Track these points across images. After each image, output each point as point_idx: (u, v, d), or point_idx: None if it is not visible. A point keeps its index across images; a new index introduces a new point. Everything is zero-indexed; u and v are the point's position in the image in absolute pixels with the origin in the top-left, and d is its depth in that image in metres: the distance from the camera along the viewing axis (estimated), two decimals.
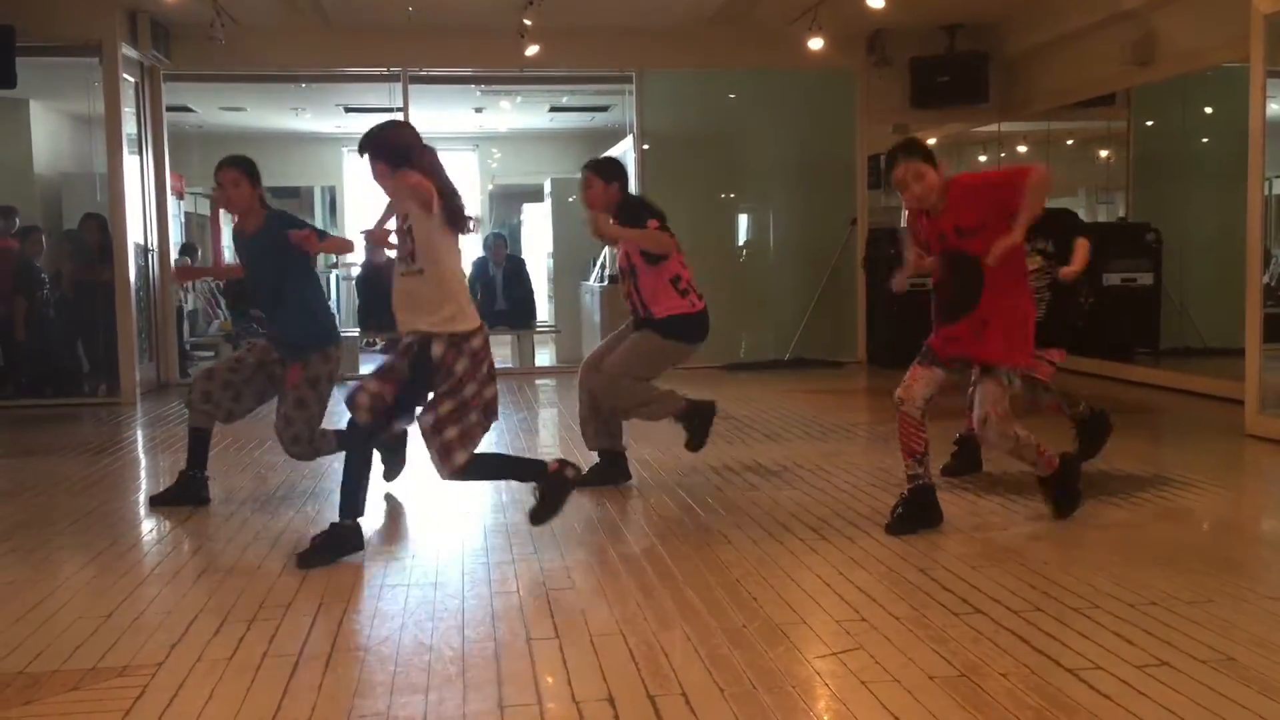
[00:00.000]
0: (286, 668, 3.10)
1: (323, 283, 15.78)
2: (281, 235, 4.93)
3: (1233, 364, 6.85)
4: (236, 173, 5.14)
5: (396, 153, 4.11)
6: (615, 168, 5.45)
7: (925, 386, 4.43)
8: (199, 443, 5.27)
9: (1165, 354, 9.45)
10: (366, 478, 4.27)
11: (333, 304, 15.95)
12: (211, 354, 11.44)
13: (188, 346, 11.07)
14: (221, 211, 5.39)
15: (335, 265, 16.42)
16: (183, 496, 5.23)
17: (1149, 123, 10.19)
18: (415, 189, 4.01)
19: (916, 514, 4.44)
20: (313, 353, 5.08)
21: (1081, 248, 5.34)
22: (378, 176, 4.15)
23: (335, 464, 6.17)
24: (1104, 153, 10.95)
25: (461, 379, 4.04)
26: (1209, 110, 9.60)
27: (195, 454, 5.28)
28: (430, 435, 4.04)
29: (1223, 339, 7.23)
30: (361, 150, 4.19)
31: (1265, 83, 6.34)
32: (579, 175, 5.50)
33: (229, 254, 5.85)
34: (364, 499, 4.27)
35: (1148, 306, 9.61)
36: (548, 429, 7.91)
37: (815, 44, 9.30)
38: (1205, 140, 9.84)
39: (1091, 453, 5.50)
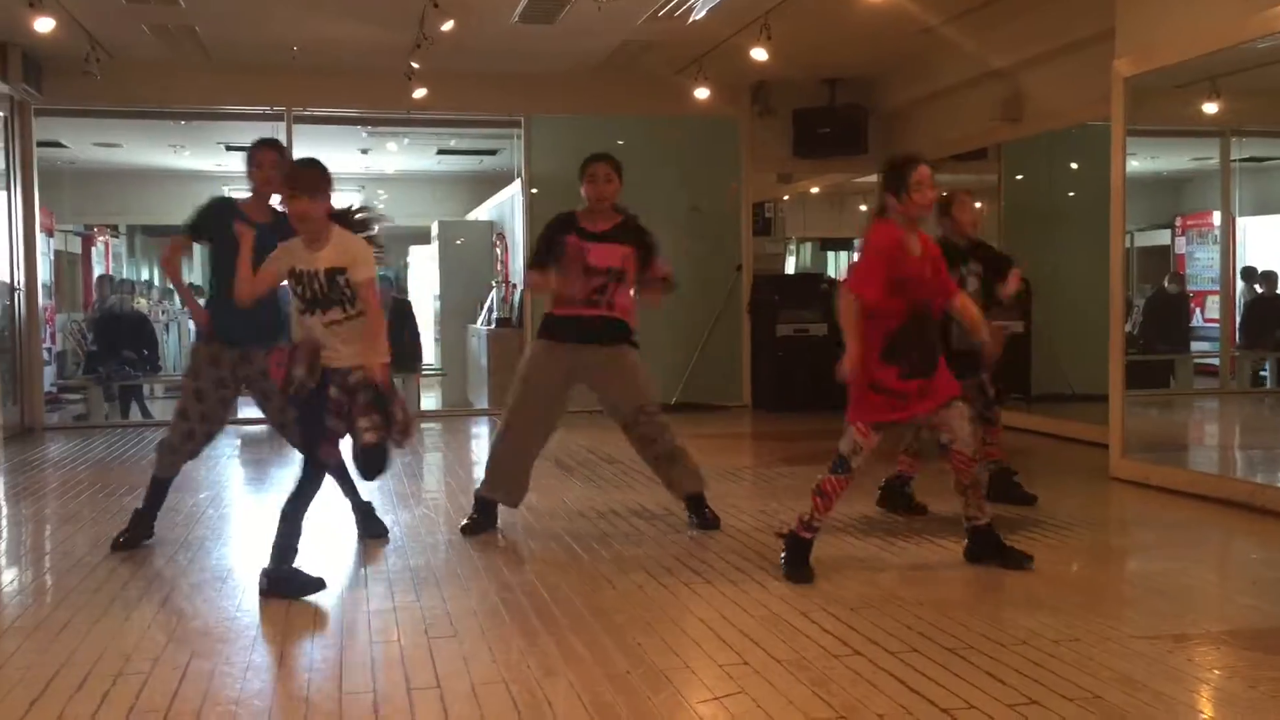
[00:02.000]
0: None
1: None
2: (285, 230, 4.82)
3: (1099, 409, 7.12)
4: (276, 154, 5.19)
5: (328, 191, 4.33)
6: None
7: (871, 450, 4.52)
8: (160, 491, 5.18)
9: (1037, 399, 9.77)
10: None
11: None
12: (80, 396, 11.06)
13: (54, 389, 10.67)
14: (93, 249, 5.25)
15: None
16: (140, 535, 5.13)
17: (1018, 176, 10.59)
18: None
19: (804, 560, 4.49)
20: (282, 338, 5.02)
21: (1015, 275, 5.82)
22: (309, 209, 4.22)
23: (209, 510, 6.01)
24: (977, 204, 11.32)
25: None
26: (1074, 166, 10.02)
27: (155, 499, 5.18)
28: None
29: (1089, 385, 7.52)
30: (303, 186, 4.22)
31: (1125, 141, 6.65)
32: (588, 165, 5.43)
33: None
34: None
35: (1020, 353, 9.95)
36: (432, 473, 7.80)
37: (701, 93, 9.47)
38: (1071, 194, 10.27)
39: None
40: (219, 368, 5.03)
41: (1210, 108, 8.18)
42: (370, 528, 5.32)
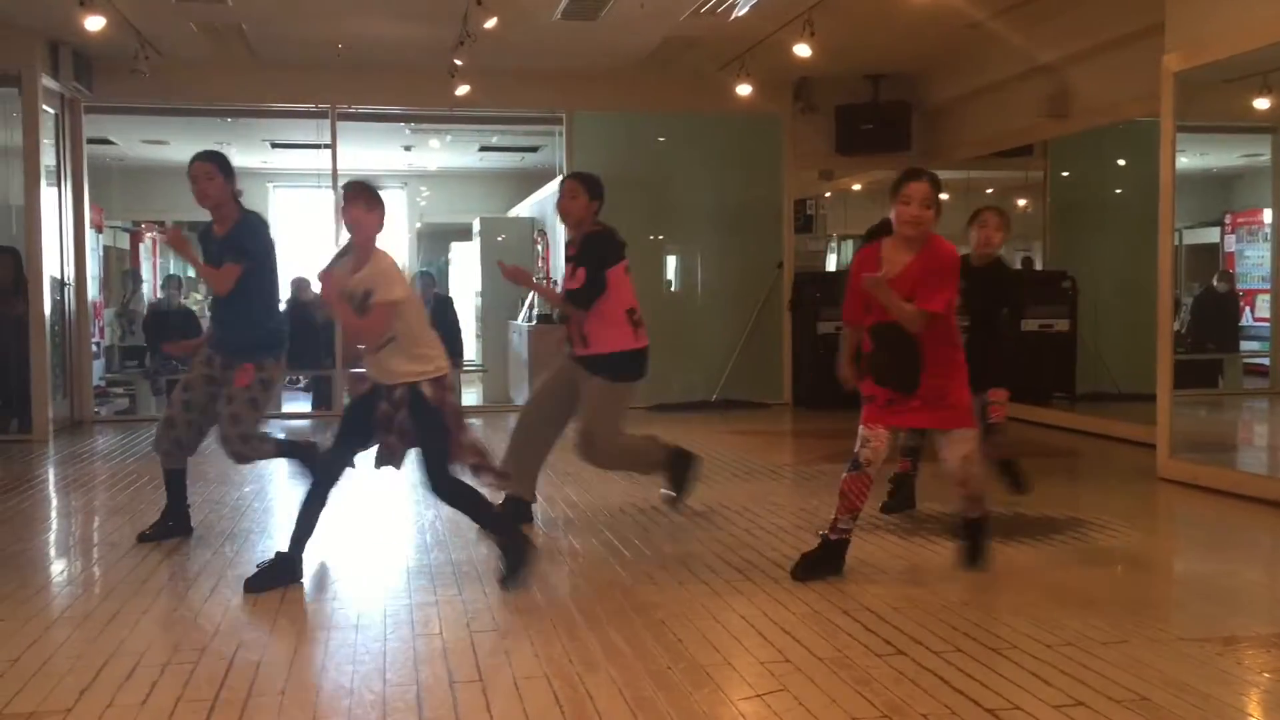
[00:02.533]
0: (201, 713, 3.03)
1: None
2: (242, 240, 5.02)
3: (1145, 408, 7.03)
4: (210, 166, 5.11)
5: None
6: (599, 186, 5.43)
7: (886, 449, 4.39)
8: (177, 481, 5.27)
9: (1081, 398, 9.67)
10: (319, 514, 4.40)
11: None
12: (130, 390, 11.21)
13: (103, 383, 10.83)
14: (141, 246, 5.37)
15: None
16: (170, 531, 5.22)
17: (1065, 173, 10.48)
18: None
19: (826, 564, 4.42)
20: (266, 356, 5.09)
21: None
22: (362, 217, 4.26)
23: (255, 503, 6.08)
24: (1022, 202, 11.22)
25: None
26: (1122, 162, 9.91)
27: (177, 491, 5.28)
28: None
29: (1135, 384, 7.43)
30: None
31: (1175, 137, 6.56)
32: (559, 187, 5.50)
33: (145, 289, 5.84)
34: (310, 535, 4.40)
35: (1064, 352, 9.84)
36: None
37: (744, 90, 9.44)
38: (1118, 191, 10.15)
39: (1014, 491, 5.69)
40: (210, 366, 5.12)
41: (1261, 103, 8.05)
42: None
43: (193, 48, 9.34)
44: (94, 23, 7.56)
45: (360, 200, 4.23)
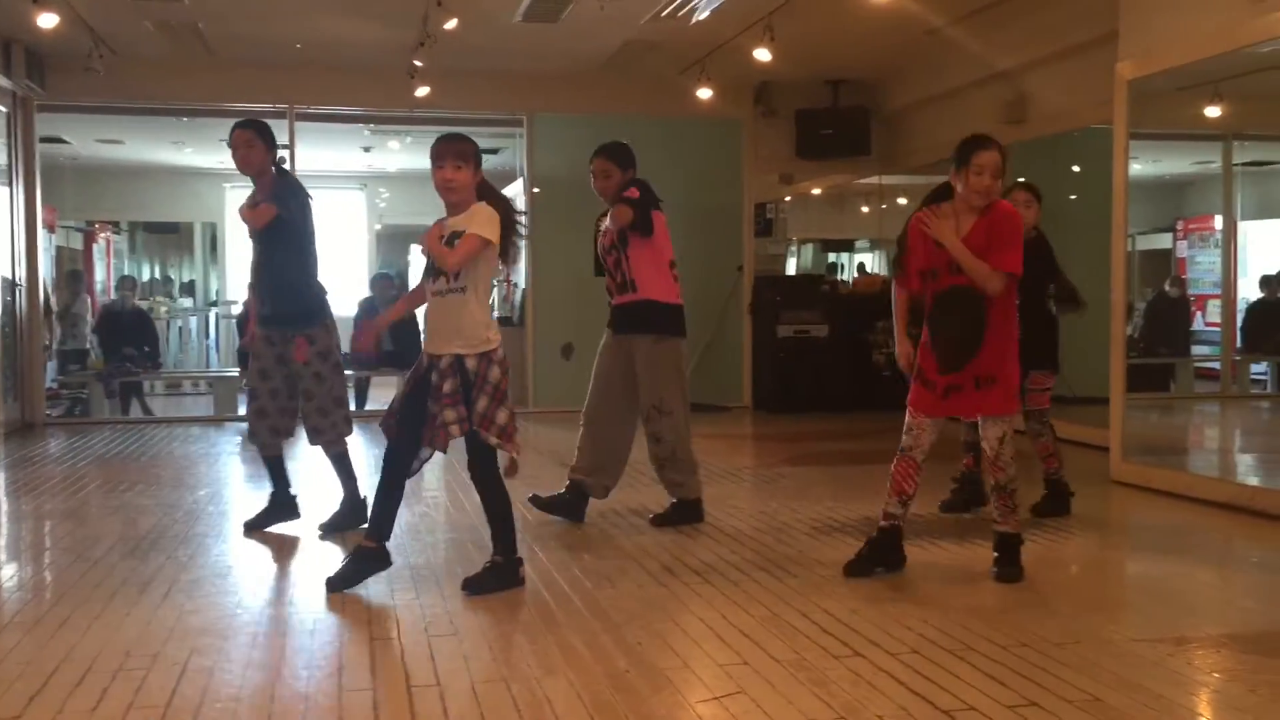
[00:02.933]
0: None
1: (201, 321, 15.43)
2: (281, 203, 5.07)
3: (1099, 412, 7.11)
4: (249, 133, 5.17)
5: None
6: (629, 154, 5.55)
7: (931, 435, 4.42)
8: (278, 467, 5.38)
9: None
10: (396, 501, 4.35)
11: (210, 343, 15.57)
12: (84, 392, 11.05)
13: (55, 385, 10.67)
14: (95, 246, 5.37)
15: (215, 304, 16.05)
16: (274, 517, 5.35)
17: (1021, 179, 10.58)
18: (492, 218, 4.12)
19: (880, 556, 4.46)
20: (313, 325, 5.15)
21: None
22: (454, 174, 4.21)
23: (210, 506, 6.01)
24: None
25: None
26: (1076, 169, 10.02)
27: (279, 477, 5.37)
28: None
29: (1089, 388, 7.51)
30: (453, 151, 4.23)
31: (1128, 144, 6.65)
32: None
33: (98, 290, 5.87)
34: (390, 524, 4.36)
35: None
36: (432, 472, 7.79)
37: (704, 94, 9.47)
38: (1073, 197, 10.27)
39: (1047, 512, 5.59)
40: (273, 345, 5.21)
41: (1213, 111, 8.18)
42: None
43: (148, 46, 9.24)
44: (47, 20, 7.46)
45: (446, 161, 4.19)
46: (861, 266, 14.27)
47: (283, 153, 5.42)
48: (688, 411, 5.49)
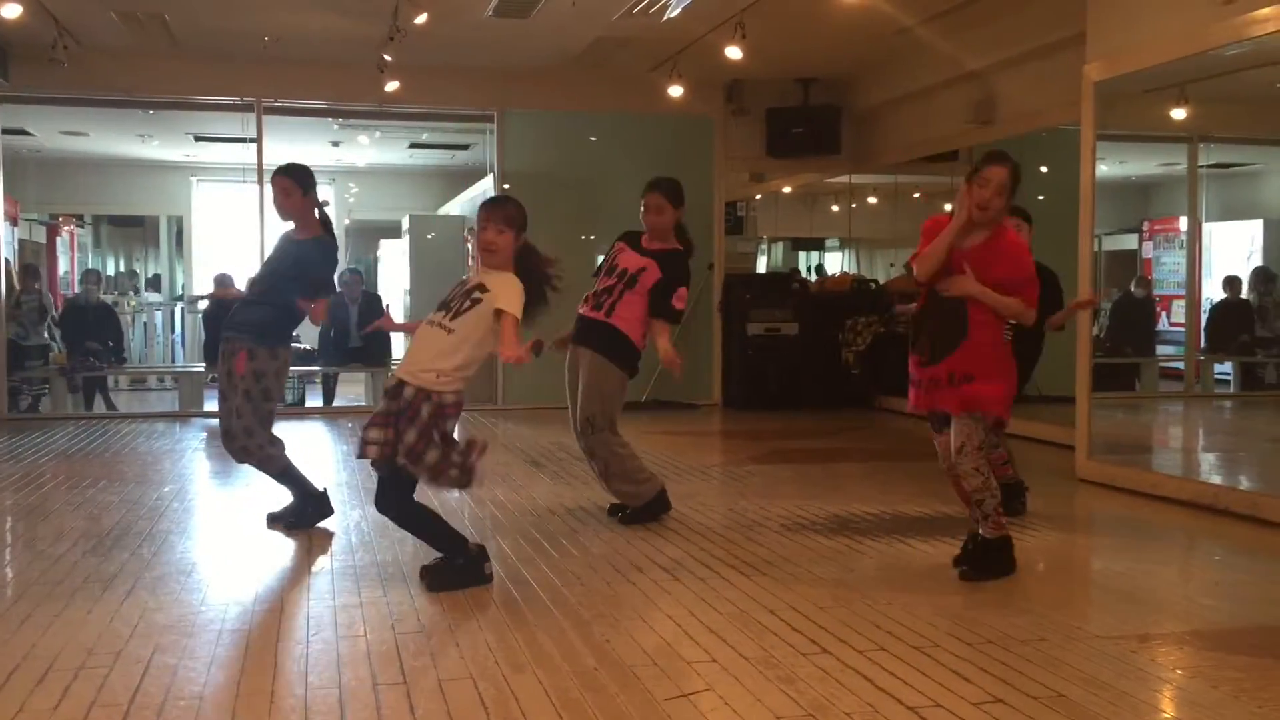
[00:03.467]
0: (115, 719, 2.95)
1: (166, 315, 15.28)
2: (311, 262, 5.19)
3: (1064, 410, 7.17)
4: (288, 181, 5.24)
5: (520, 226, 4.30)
6: (681, 193, 5.56)
7: (943, 445, 4.47)
8: (289, 473, 5.30)
9: None
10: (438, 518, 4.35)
11: (176, 338, 15.41)
12: (45, 386, 10.92)
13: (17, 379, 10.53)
14: (58, 239, 5.33)
15: (181, 298, 15.89)
16: (311, 517, 5.31)
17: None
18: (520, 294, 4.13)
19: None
20: (261, 345, 5.09)
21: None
22: (496, 237, 4.21)
23: (174, 503, 5.95)
24: (948, 207, 11.34)
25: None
26: (1044, 169, 10.10)
27: (300, 483, 5.32)
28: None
29: (1055, 386, 7.57)
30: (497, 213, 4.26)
31: (1095, 145, 6.71)
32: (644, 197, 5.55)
33: (62, 283, 5.82)
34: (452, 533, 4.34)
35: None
36: None
37: (675, 91, 9.47)
38: (1040, 198, 10.34)
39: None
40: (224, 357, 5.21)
41: (1179, 113, 8.26)
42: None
43: (113, 37, 9.13)
44: (10, 10, 7.36)
45: (489, 225, 4.21)
46: (820, 269, 14.34)
47: (249, 147, 5.44)
48: (615, 435, 5.41)
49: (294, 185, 5.24)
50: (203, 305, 12.34)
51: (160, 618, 3.88)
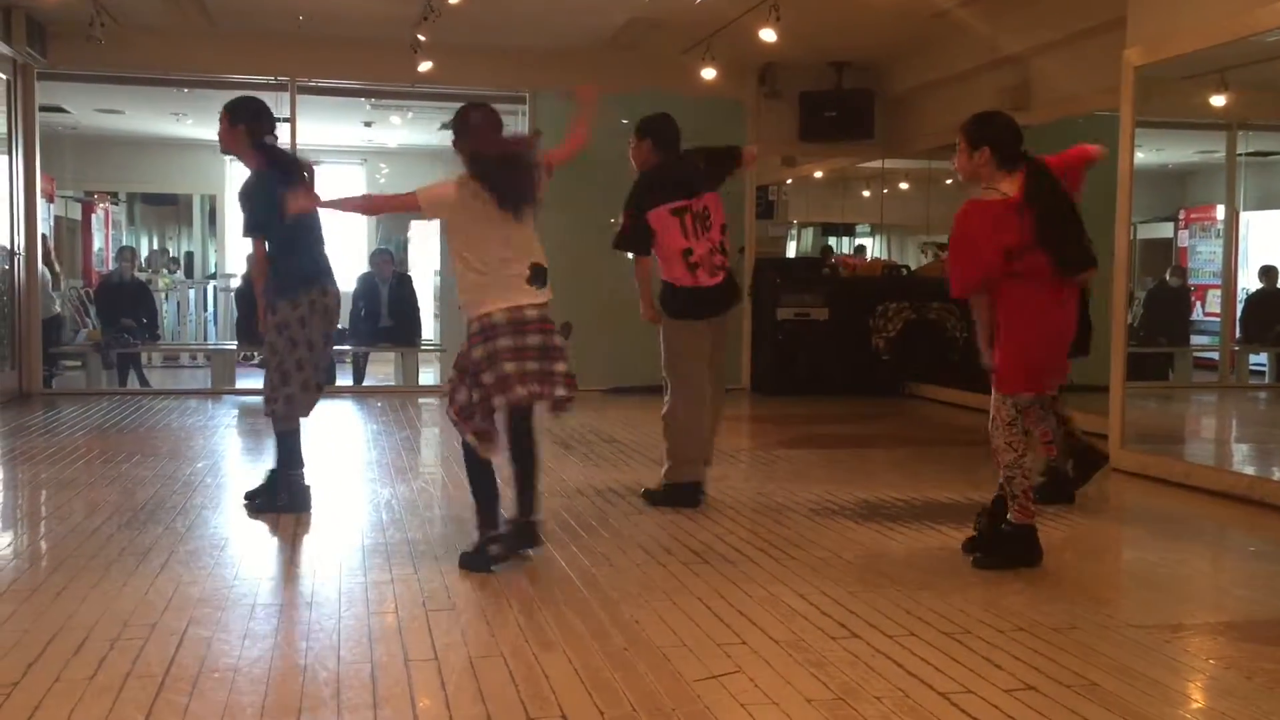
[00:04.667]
0: (151, 689, 2.99)
1: (200, 293, 15.38)
2: (244, 196, 5.18)
3: (1098, 399, 7.11)
4: (222, 114, 5.27)
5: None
6: (653, 126, 5.78)
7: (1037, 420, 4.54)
8: (290, 448, 5.23)
9: None
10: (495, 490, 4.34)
11: (209, 316, 15.52)
12: (79, 364, 11.04)
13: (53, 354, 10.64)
14: (94, 216, 5.36)
15: (214, 276, 16.00)
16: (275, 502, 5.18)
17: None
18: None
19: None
20: (280, 298, 5.05)
21: None
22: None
23: (207, 478, 6.00)
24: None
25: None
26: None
27: (290, 462, 5.24)
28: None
29: (1088, 375, 7.51)
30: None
31: (1134, 131, 6.62)
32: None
33: (96, 260, 5.85)
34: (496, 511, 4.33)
35: None
36: (430, 448, 7.80)
37: (708, 74, 9.43)
38: None
39: (1044, 499, 5.33)
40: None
41: (1218, 100, 8.16)
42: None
43: (151, 15, 9.17)
44: None
45: None
46: (861, 249, 14.25)
47: (283, 126, 5.41)
48: (691, 398, 5.43)
49: (224, 116, 5.19)
50: (235, 283, 12.43)
51: (194, 591, 3.92)
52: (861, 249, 14.20)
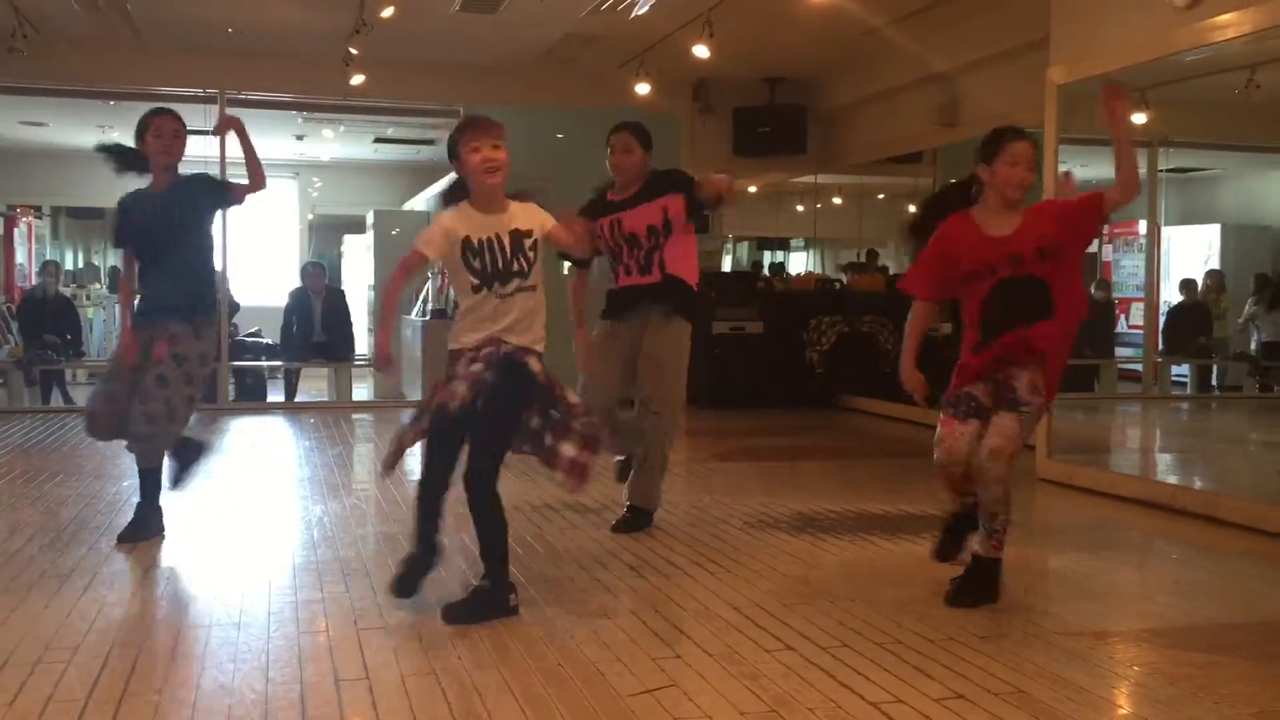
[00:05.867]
0: (72, 714, 2.91)
1: None
2: (191, 198, 4.91)
3: None
4: (179, 123, 4.97)
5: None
6: (650, 136, 5.42)
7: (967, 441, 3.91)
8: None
9: None
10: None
11: None
12: None
13: None
14: (15, 232, 5.16)
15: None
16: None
17: (953, 181, 10.74)
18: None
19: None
20: (182, 323, 4.77)
21: None
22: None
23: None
24: (912, 207, 11.47)
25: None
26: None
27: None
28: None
29: None
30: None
31: (1058, 148, 6.77)
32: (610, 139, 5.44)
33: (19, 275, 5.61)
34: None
35: (948, 356, 10.09)
36: (363, 464, 7.72)
37: (642, 89, 9.47)
38: None
39: None
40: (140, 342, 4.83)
41: (1139, 118, 8.34)
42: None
43: (74, 27, 9.01)
44: None
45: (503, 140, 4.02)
46: (781, 266, 14.39)
47: (212, 140, 5.29)
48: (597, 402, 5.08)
49: (183, 127, 5.04)
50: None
51: (118, 613, 3.84)
52: (781, 267, 14.35)
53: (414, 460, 4.10)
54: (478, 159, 3.87)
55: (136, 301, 5.03)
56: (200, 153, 10.60)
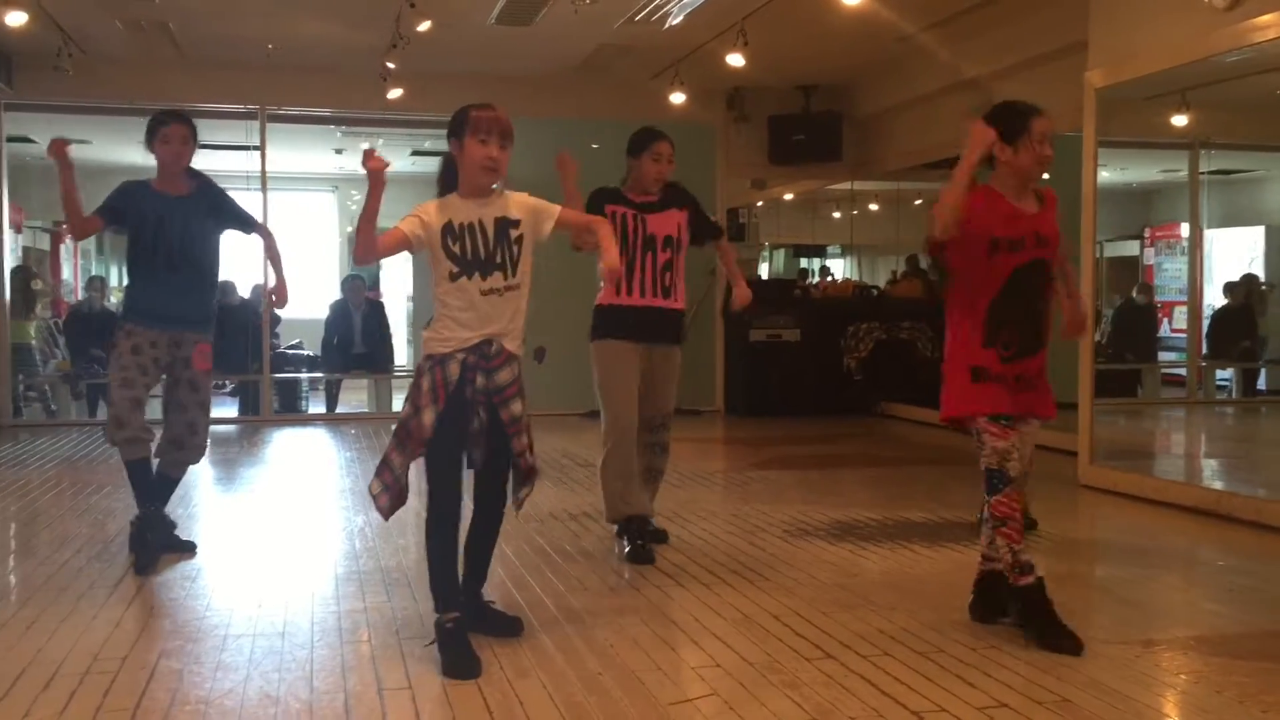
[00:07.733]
0: None
1: None
2: (214, 204, 4.98)
3: (1066, 416, 7.16)
4: (188, 130, 5.05)
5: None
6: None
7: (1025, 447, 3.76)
8: (141, 474, 4.83)
9: None
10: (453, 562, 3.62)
11: None
12: (47, 393, 10.94)
13: (21, 386, 10.55)
14: (62, 247, 5.21)
15: None
16: (146, 544, 4.70)
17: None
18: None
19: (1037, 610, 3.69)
20: (207, 336, 4.87)
21: None
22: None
23: (179, 509, 5.95)
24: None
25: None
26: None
27: (142, 490, 4.84)
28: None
29: (1057, 392, 7.56)
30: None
31: (1096, 151, 6.72)
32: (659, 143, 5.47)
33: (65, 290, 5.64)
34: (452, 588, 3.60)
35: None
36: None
37: (677, 98, 9.49)
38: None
39: None
40: (140, 355, 4.77)
41: (1180, 120, 8.28)
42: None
43: (118, 46, 9.16)
44: (15, 18, 7.38)
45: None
46: (825, 269, 14.36)
47: (253, 155, 5.34)
48: (607, 429, 5.05)
49: (192, 135, 5.19)
50: None
51: (165, 623, 3.89)
52: (826, 270, 14.32)
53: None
54: (482, 154, 3.75)
55: (140, 300, 4.90)
56: (242, 167, 10.81)
